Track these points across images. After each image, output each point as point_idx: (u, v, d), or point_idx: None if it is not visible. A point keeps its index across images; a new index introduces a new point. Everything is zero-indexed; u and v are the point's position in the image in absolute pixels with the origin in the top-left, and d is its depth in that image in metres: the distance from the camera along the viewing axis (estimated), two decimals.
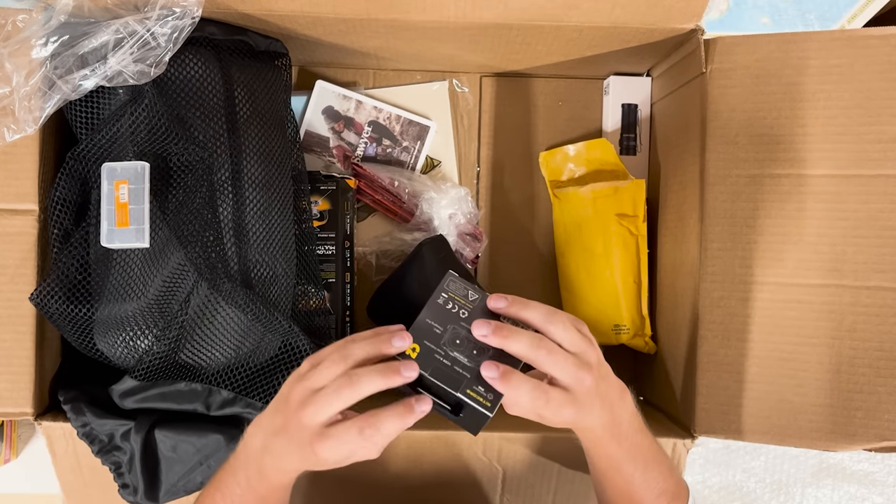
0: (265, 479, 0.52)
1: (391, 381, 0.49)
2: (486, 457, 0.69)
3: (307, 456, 0.49)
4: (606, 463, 0.56)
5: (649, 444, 0.57)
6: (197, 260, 0.62)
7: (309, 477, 0.69)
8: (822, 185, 0.63)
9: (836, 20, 0.76)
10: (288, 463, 0.51)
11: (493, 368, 0.50)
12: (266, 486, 0.53)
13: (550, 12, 0.64)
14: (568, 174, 0.84)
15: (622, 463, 0.55)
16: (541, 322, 0.52)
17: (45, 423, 0.65)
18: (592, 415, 0.52)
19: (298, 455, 0.50)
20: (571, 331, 0.52)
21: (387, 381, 0.49)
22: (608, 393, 0.52)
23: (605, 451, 0.55)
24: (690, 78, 0.69)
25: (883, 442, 0.61)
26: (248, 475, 0.53)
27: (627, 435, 0.54)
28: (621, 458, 0.55)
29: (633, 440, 0.55)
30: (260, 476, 0.52)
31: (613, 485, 0.57)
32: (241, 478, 0.53)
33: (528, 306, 0.52)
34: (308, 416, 0.49)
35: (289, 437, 0.50)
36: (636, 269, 0.78)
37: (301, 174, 0.74)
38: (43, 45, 0.59)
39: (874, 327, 0.61)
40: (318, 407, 0.48)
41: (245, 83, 0.69)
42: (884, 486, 0.91)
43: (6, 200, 0.64)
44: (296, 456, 0.50)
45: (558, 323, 0.52)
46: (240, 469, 0.54)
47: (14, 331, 0.64)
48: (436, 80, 0.85)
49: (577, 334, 0.52)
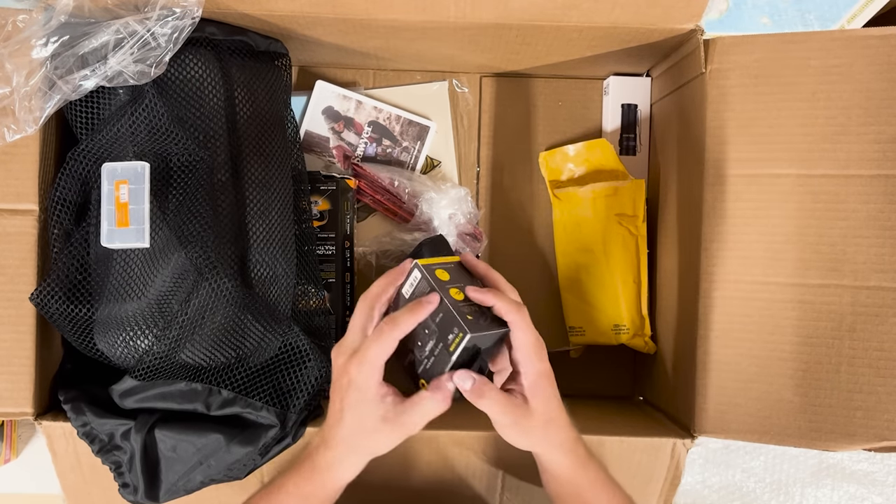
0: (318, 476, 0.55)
1: (419, 313, 0.53)
2: (486, 457, 0.69)
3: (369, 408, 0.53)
4: (569, 478, 0.58)
5: (591, 460, 0.59)
6: (197, 260, 0.62)
7: None
8: (822, 185, 0.63)
9: (836, 20, 0.75)
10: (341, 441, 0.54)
11: (468, 379, 0.52)
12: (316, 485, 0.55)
13: (550, 12, 0.64)
14: (568, 174, 0.84)
15: (574, 478, 0.58)
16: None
17: (45, 423, 0.65)
18: (556, 397, 0.55)
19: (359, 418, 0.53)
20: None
21: (416, 316, 0.53)
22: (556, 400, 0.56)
23: (559, 467, 0.57)
24: (690, 78, 0.69)
25: (882, 442, 0.61)
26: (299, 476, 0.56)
27: (584, 454, 0.58)
28: (573, 472, 0.58)
29: (587, 456, 0.58)
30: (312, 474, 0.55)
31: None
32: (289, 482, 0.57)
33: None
34: (354, 370, 0.53)
35: (345, 405, 0.53)
36: (636, 269, 0.78)
37: (301, 174, 0.74)
38: (43, 46, 0.59)
39: (874, 327, 0.61)
40: (362, 358, 0.52)
41: (245, 83, 0.69)
42: (883, 485, 0.91)
43: (6, 200, 0.64)
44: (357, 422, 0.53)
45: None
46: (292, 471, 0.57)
47: (14, 331, 0.64)
48: (436, 80, 0.86)
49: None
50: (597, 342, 0.81)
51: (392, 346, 0.52)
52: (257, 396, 0.65)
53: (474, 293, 0.54)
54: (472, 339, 0.52)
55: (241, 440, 0.63)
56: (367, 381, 0.52)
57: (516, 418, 0.54)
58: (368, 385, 0.52)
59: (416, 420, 0.53)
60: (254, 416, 0.65)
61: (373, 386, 0.53)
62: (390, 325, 0.52)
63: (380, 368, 0.52)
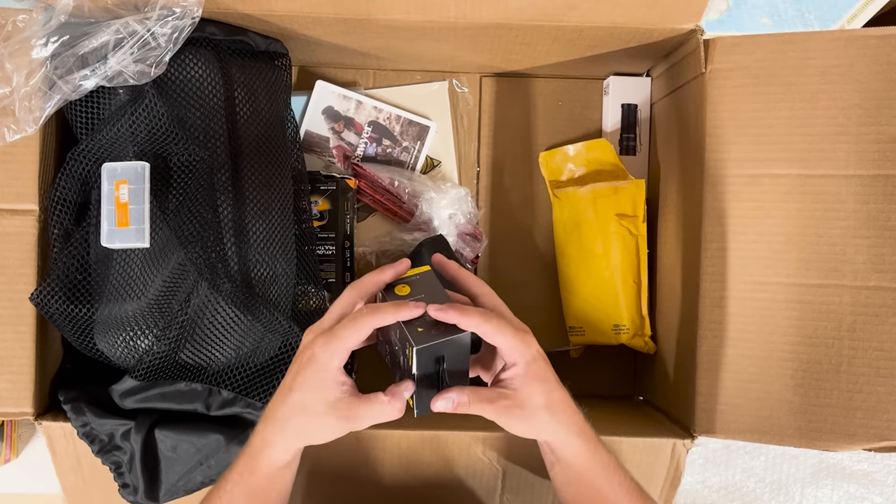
0: (255, 465, 0.53)
1: (401, 311, 0.51)
2: (486, 457, 0.69)
3: (320, 390, 0.51)
4: (577, 462, 0.56)
5: (601, 443, 0.57)
6: (197, 260, 0.62)
7: (307, 478, 0.69)
8: (822, 185, 0.63)
9: (836, 20, 0.76)
10: (283, 426, 0.52)
11: (447, 402, 0.52)
12: (256, 475, 0.53)
13: (550, 12, 0.64)
14: (568, 174, 0.84)
15: (589, 462, 0.56)
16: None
17: (45, 423, 0.65)
18: (550, 382, 0.54)
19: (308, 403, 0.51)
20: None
21: (397, 312, 0.51)
22: (552, 375, 0.55)
23: (572, 451, 0.56)
24: (690, 78, 0.69)
25: (882, 442, 0.61)
26: (240, 465, 0.54)
27: (588, 431, 0.56)
28: (587, 456, 0.55)
29: (597, 439, 0.56)
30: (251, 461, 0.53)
31: (582, 489, 0.57)
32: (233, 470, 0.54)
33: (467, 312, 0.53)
34: (319, 346, 0.51)
35: (294, 386, 0.51)
36: (636, 269, 0.78)
37: (301, 174, 0.74)
38: (43, 46, 0.59)
39: (874, 327, 0.61)
40: (331, 335, 0.51)
41: (245, 83, 0.69)
42: (883, 485, 0.91)
43: (6, 200, 0.64)
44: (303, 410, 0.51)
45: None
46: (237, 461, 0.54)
47: (14, 331, 0.64)
48: (436, 80, 0.86)
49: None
50: (597, 342, 0.81)
51: (365, 332, 0.50)
52: (257, 396, 0.65)
53: (435, 312, 0.51)
54: (421, 350, 0.50)
55: (241, 440, 0.63)
56: (329, 361, 0.50)
57: (510, 412, 0.52)
58: (329, 365, 0.50)
59: (364, 417, 0.51)
60: (254, 416, 0.65)
61: (333, 367, 0.50)
62: (370, 311, 0.51)
63: (345, 351, 0.51)
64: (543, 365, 0.54)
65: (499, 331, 0.52)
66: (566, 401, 0.55)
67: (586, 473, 0.56)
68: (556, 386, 0.54)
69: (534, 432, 0.55)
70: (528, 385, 0.53)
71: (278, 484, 0.55)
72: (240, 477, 0.53)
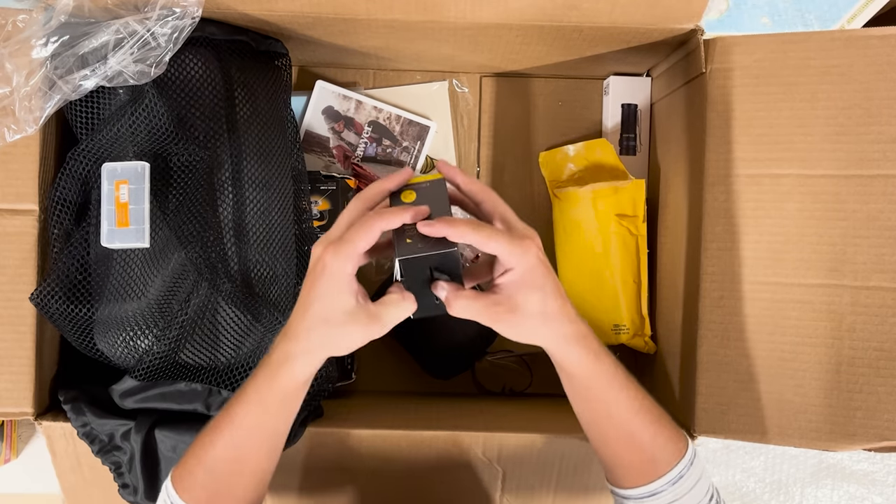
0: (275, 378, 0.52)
1: (406, 213, 0.51)
2: (486, 457, 0.69)
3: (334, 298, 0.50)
4: (578, 372, 0.55)
5: (606, 355, 0.56)
6: (197, 260, 0.62)
7: (307, 477, 0.69)
8: (822, 185, 0.63)
9: (836, 20, 0.76)
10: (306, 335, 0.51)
11: (440, 291, 0.51)
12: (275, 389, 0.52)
13: (550, 12, 0.64)
14: (568, 174, 0.84)
15: (591, 372, 0.54)
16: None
17: (45, 423, 0.65)
18: (546, 289, 0.52)
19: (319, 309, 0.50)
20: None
21: (404, 215, 0.50)
22: (553, 277, 0.53)
23: (569, 360, 0.54)
24: (690, 78, 0.69)
25: (882, 442, 0.61)
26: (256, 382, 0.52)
27: (594, 343, 0.54)
28: (588, 366, 0.54)
29: (601, 351, 0.55)
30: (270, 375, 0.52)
31: (589, 405, 0.56)
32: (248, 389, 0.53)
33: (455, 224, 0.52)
34: (330, 255, 0.50)
35: (309, 296, 0.51)
36: (636, 269, 0.78)
37: (301, 174, 0.74)
38: (43, 46, 0.59)
39: (874, 327, 0.61)
40: (340, 242, 0.50)
41: (245, 83, 0.69)
42: (883, 485, 0.91)
43: (6, 200, 0.64)
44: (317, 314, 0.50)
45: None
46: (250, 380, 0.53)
47: (14, 331, 0.64)
48: (436, 80, 0.86)
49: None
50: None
51: (374, 236, 0.50)
52: None
53: (423, 227, 0.51)
54: (404, 262, 0.51)
55: None
56: (341, 268, 0.49)
57: (500, 316, 0.51)
58: (343, 272, 0.50)
59: (384, 318, 0.51)
60: None
61: (346, 274, 0.50)
62: (378, 215, 0.50)
63: (356, 257, 0.50)
64: (543, 272, 0.52)
65: (490, 238, 0.50)
66: (564, 310, 0.52)
67: (590, 386, 0.55)
68: (553, 294, 0.52)
69: (524, 338, 0.53)
70: (521, 291, 0.51)
71: (289, 406, 0.53)
72: (256, 394, 0.52)
